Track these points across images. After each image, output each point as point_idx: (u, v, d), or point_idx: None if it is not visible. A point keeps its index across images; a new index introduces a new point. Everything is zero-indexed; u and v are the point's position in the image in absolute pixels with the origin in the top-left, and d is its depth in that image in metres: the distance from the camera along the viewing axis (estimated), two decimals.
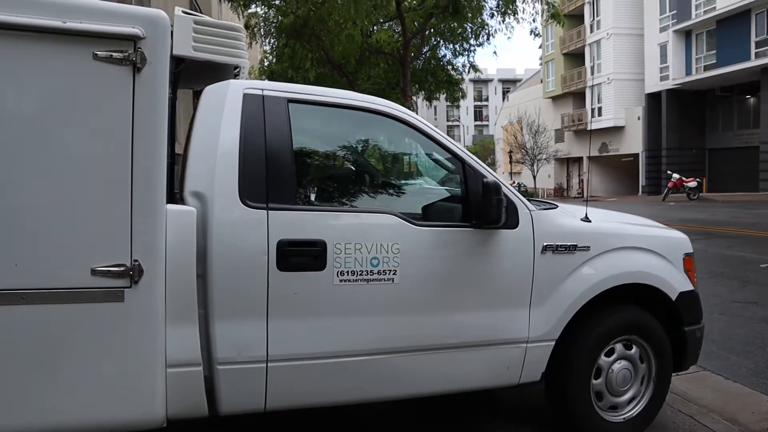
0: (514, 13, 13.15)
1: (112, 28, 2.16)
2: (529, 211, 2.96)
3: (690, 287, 3.34)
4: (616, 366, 3.17)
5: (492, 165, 51.43)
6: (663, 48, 35.11)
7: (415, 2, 14.55)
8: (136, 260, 2.24)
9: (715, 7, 30.80)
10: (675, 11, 34.01)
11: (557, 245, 2.99)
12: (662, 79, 34.78)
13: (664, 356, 3.27)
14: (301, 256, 2.57)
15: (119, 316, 2.26)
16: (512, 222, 2.88)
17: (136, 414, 2.34)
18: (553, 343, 3.01)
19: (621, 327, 3.16)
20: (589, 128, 40.15)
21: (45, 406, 2.21)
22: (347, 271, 2.63)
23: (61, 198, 2.17)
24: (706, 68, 31.86)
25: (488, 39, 15.36)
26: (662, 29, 35.36)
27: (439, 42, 16.74)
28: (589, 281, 3.04)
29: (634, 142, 36.81)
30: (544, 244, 2.96)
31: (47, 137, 2.15)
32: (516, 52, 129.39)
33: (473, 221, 2.82)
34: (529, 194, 24.36)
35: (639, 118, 36.46)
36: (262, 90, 2.70)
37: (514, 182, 39.41)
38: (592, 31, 41.06)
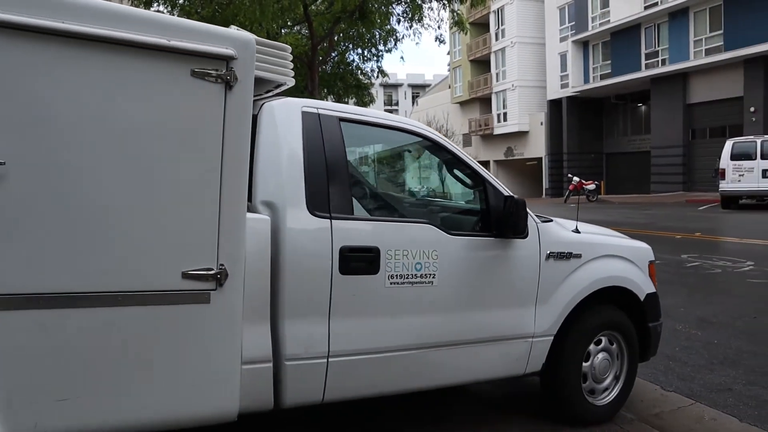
0: (420, 19, 13.30)
1: (210, 48, 2.29)
2: (536, 223, 3.37)
3: (653, 289, 3.84)
4: (599, 356, 3.59)
5: None
6: (563, 57, 36.73)
7: (323, 6, 14.48)
8: (222, 265, 2.36)
9: (609, 20, 32.56)
10: (574, 23, 35.69)
11: (558, 252, 3.43)
12: (563, 86, 36.38)
13: (633, 348, 3.72)
14: (359, 261, 2.82)
15: (205, 317, 2.38)
16: (526, 232, 3.27)
17: (215, 408, 2.47)
18: (552, 338, 3.39)
19: (604, 323, 3.60)
20: (495, 133, 41.40)
21: (138, 402, 2.31)
22: (396, 275, 2.91)
23: (158, 207, 2.27)
24: (602, 77, 33.59)
25: (396, 45, 15.47)
26: (562, 39, 37.00)
27: (348, 47, 16.71)
28: (581, 284, 3.48)
29: (537, 147, 38.27)
30: (548, 251, 3.38)
31: (148, 149, 2.24)
32: (425, 58, 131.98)
33: (494, 231, 3.19)
34: None
35: (542, 124, 37.95)
36: (317, 108, 2.93)
37: None
38: (497, 39, 42.37)
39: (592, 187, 28.08)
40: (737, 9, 26.05)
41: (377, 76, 17.15)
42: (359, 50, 16.43)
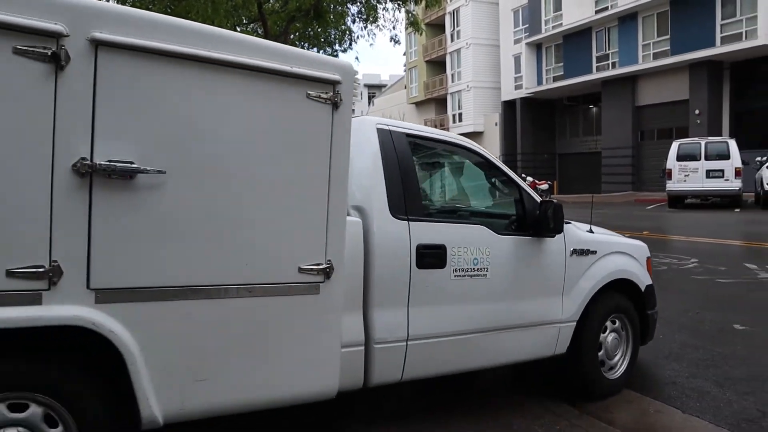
0: (375, 20, 13.30)
1: (322, 74, 2.64)
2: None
3: (650, 282, 4.41)
4: (610, 336, 4.10)
5: None
6: (517, 59, 37.29)
7: (277, 5, 14.35)
8: (329, 260, 2.71)
9: (561, 24, 33.20)
10: (527, 25, 36.27)
11: (580, 249, 3.95)
12: (517, 87, 36.94)
13: (636, 331, 4.25)
14: (431, 257, 3.26)
15: (315, 306, 2.72)
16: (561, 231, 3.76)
17: (322, 387, 2.82)
18: (575, 323, 3.87)
19: (614, 308, 4.12)
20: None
21: (262, 381, 2.64)
22: (459, 269, 3.36)
23: (280, 212, 2.61)
24: (555, 79, 34.24)
25: (351, 45, 15.42)
26: (516, 41, 37.56)
27: (303, 46, 16.60)
28: (597, 277, 3.99)
29: (492, 147, 38.76)
30: (572, 248, 3.90)
31: (273, 162, 2.57)
32: (381, 59, 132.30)
33: (530, 231, 3.67)
34: None
35: (496, 124, 38.46)
36: (388, 126, 3.34)
37: None
38: (452, 40, 42.74)
39: (545, 186, 28.57)
40: (682, 15, 26.90)
41: None
42: (315, 50, 16.35)
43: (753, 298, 6.76)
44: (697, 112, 26.34)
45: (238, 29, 14.70)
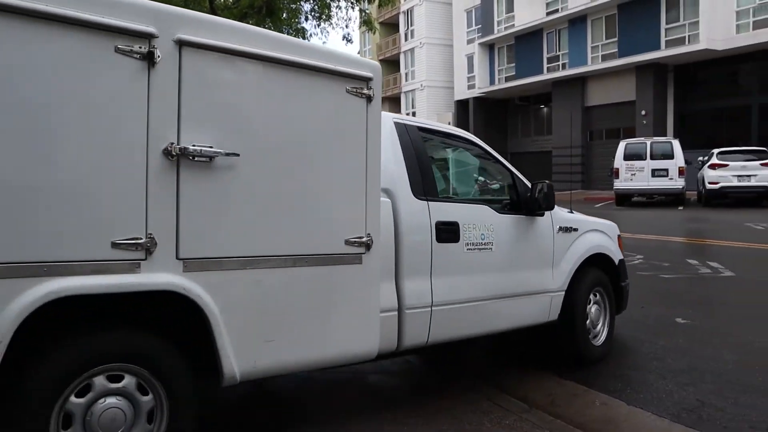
0: (329, 18, 13.22)
1: (359, 72, 3.05)
2: None
3: (622, 256, 5.05)
4: (594, 308, 4.65)
5: None
6: (470, 59, 37.70)
7: (230, 1, 14.16)
8: (369, 234, 3.08)
9: (513, 25, 33.72)
10: (480, 26, 36.70)
11: (564, 227, 4.48)
12: (470, 87, 37.35)
13: (612, 302, 4.84)
14: (447, 232, 3.66)
15: (358, 275, 3.07)
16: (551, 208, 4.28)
17: (364, 348, 3.14)
18: (564, 293, 4.38)
19: (596, 281, 4.66)
20: None
21: (318, 343, 2.96)
22: (470, 243, 3.79)
23: (329, 191, 2.97)
24: (507, 79, 34.76)
25: None
26: (469, 41, 37.98)
27: None
28: (580, 251, 4.53)
29: None
30: (558, 226, 4.42)
31: (322, 148, 2.94)
32: None
33: (524, 210, 4.17)
34: None
35: (449, 123, 38.76)
36: (403, 120, 3.76)
37: None
38: (406, 39, 42.93)
39: (497, 186, 28.98)
40: (629, 19, 27.65)
41: None
42: None
43: (694, 293, 7.00)
44: (643, 113, 27.12)
45: None
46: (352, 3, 12.95)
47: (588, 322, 4.54)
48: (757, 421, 3.50)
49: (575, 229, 4.56)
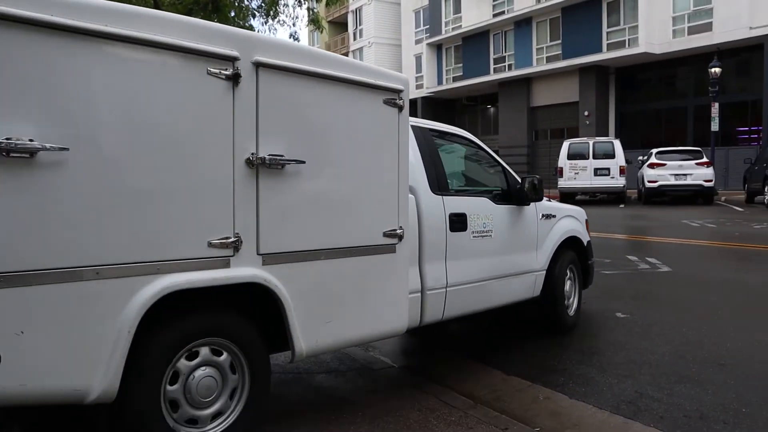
0: (276, 15, 13.08)
1: (393, 85, 3.47)
2: None
3: (589, 238, 5.79)
4: (568, 283, 5.39)
5: None
6: (418, 59, 37.96)
7: None
8: (401, 226, 3.53)
9: (461, 26, 34.11)
10: (428, 26, 36.98)
11: (546, 214, 5.13)
12: (418, 87, 37.57)
13: (580, 278, 5.66)
14: (458, 222, 4.18)
15: (392, 262, 3.51)
16: (539, 199, 4.94)
17: (396, 325, 3.61)
18: (545, 272, 5.06)
19: (569, 260, 5.43)
20: None
21: (362, 322, 3.40)
22: (475, 231, 4.33)
23: (371, 191, 3.39)
24: (455, 79, 35.15)
25: None
26: (417, 41, 38.22)
27: None
28: (557, 234, 5.23)
29: None
30: (541, 213, 5.07)
31: (364, 152, 3.35)
32: None
33: (514, 201, 4.76)
34: None
35: None
36: (417, 123, 4.16)
37: None
38: (355, 38, 42.90)
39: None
40: (573, 22, 28.35)
41: None
42: None
43: (633, 288, 7.23)
44: (586, 113, 27.84)
45: None
46: (299, 1, 12.86)
47: (566, 293, 5.33)
48: (690, 410, 3.64)
49: (554, 216, 5.23)
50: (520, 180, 4.85)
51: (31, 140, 2.14)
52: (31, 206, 2.18)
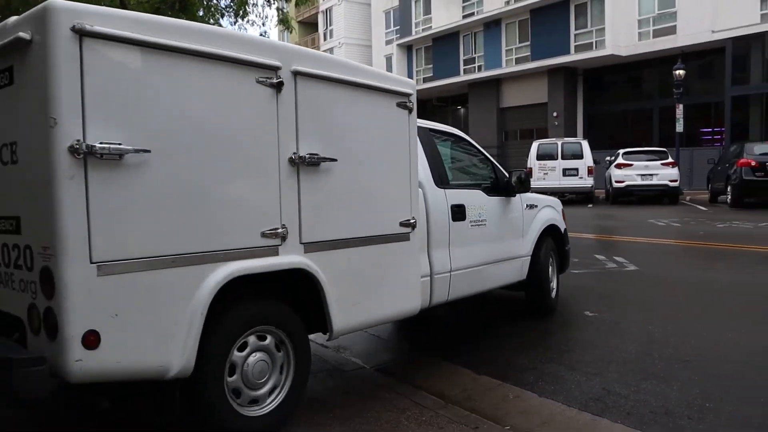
0: (245, 15, 12.94)
1: (404, 90, 3.88)
2: None
3: (565, 226, 6.31)
4: (549, 268, 5.89)
5: None
6: (389, 59, 38.02)
7: None
8: (413, 217, 3.92)
9: (431, 27, 34.25)
10: (398, 27, 37.05)
11: (529, 204, 5.65)
12: None
13: (558, 263, 6.19)
14: (458, 212, 4.60)
15: (406, 249, 3.89)
16: (526, 190, 5.50)
17: (410, 306, 3.98)
18: (530, 257, 5.58)
19: (550, 247, 5.94)
20: None
21: (384, 303, 3.78)
22: (473, 220, 4.76)
23: (388, 185, 3.78)
24: (426, 80, 35.26)
25: None
26: (388, 42, 38.29)
27: None
28: (540, 223, 5.76)
29: None
30: (526, 204, 5.57)
31: (385, 151, 3.77)
32: None
33: (503, 193, 5.25)
34: None
35: None
36: (419, 123, 4.30)
37: None
38: (325, 39, 42.80)
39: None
40: (541, 24, 28.68)
41: None
42: None
43: (601, 287, 7.34)
44: (554, 114, 28.19)
45: None
46: (269, 1, 12.76)
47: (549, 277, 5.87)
48: (656, 406, 3.70)
49: (536, 206, 5.75)
50: (507, 174, 5.35)
51: (119, 144, 2.42)
52: (120, 202, 2.45)
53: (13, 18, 2.53)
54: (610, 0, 25.81)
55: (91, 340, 2.38)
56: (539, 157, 20.52)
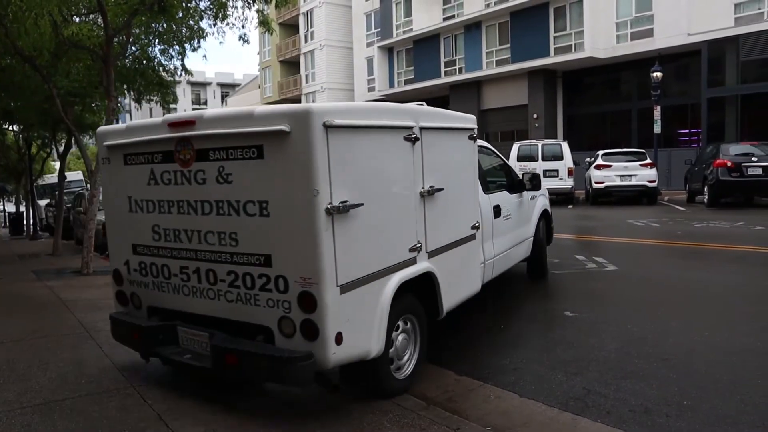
0: (225, 17, 12.85)
1: (469, 126, 5.11)
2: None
3: (549, 207, 8.09)
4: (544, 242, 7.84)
5: None
6: (370, 61, 38.01)
7: None
8: (478, 220, 5.13)
9: (412, 29, 34.30)
10: (379, 29, 37.06)
11: (532, 195, 7.36)
12: (369, 90, 37.65)
13: (545, 237, 7.92)
14: (497, 211, 5.96)
15: (474, 245, 5.07)
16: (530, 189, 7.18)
17: (476, 287, 5.16)
18: (533, 237, 7.31)
19: (543, 227, 7.70)
20: None
21: (463, 288, 4.89)
22: (504, 216, 6.15)
23: (464, 199, 4.96)
24: (406, 82, 35.32)
25: (199, 42, 14.73)
26: (369, 44, 38.28)
27: (149, 41, 15.66)
28: (539, 209, 7.58)
29: None
30: (531, 195, 7.26)
31: (460, 174, 4.93)
32: (234, 56, 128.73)
33: (519, 190, 6.85)
34: None
35: None
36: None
37: None
38: (306, 41, 42.68)
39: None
40: (521, 27, 28.86)
41: (181, 74, 16.15)
42: (162, 46, 15.43)
43: (581, 287, 7.40)
44: (535, 116, 28.36)
45: (76, 20, 13.61)
46: (248, 3, 12.66)
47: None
48: (635, 404, 3.74)
49: (536, 196, 7.45)
50: (520, 175, 7.03)
51: (347, 201, 3.33)
52: (348, 242, 3.36)
53: (260, 108, 3.35)
54: (588, 3, 26.04)
55: (339, 338, 3.30)
56: (520, 159, 20.63)
